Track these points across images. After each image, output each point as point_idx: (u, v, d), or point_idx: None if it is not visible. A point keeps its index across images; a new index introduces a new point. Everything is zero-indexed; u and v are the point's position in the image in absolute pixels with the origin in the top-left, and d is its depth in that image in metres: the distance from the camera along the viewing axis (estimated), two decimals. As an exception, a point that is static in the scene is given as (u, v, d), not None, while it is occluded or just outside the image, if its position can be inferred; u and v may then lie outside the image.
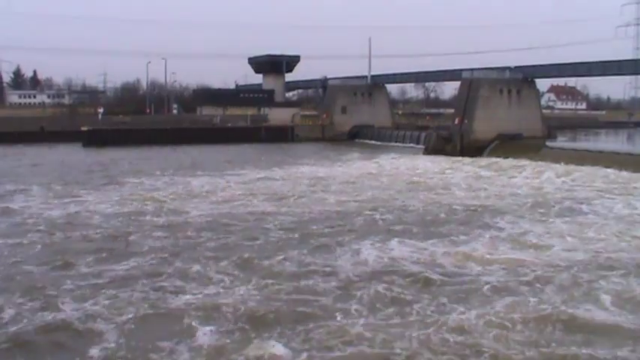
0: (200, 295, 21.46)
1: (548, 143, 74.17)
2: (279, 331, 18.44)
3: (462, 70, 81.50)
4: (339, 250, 27.75)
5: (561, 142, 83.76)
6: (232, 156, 73.81)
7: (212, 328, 18.70)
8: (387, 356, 16.92)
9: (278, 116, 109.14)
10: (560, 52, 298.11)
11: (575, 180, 52.88)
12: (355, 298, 21.29)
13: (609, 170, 54.80)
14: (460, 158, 69.17)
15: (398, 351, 17.08)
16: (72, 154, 74.43)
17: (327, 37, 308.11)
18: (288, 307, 20.46)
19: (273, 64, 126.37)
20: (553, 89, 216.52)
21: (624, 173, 53.65)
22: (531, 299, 21.14)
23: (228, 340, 17.88)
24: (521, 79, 78.73)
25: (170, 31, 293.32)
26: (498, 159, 66.05)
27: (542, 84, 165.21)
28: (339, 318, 19.50)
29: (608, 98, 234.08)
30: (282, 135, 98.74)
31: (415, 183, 51.65)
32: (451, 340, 17.65)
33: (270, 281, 23.02)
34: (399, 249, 28.03)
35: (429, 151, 74.92)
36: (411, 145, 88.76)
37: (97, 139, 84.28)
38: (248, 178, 52.59)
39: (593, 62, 75.33)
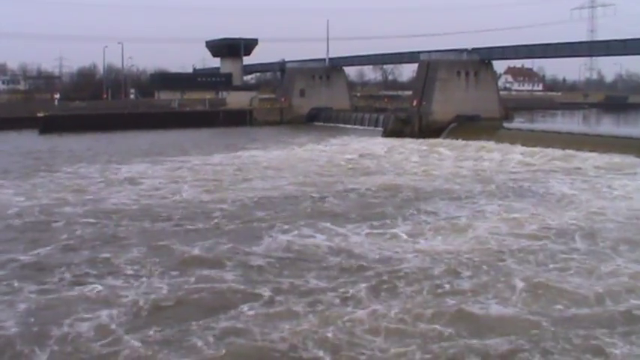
0: (101, 286, 21.16)
1: (505, 124, 75.05)
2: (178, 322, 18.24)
3: (419, 52, 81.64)
4: (258, 237, 27.40)
5: (518, 123, 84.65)
6: (186, 141, 73.02)
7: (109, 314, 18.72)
8: (273, 349, 16.66)
9: (236, 100, 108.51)
10: (517, 34, 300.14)
11: (529, 161, 53.60)
12: (264, 287, 21.02)
13: (566, 151, 55.53)
14: (415, 140, 69.78)
15: (279, 345, 16.83)
16: (25, 142, 73.10)
17: (285, 20, 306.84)
18: (191, 295, 20.33)
19: (230, 48, 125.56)
20: (510, 71, 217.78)
21: (580, 154, 54.46)
22: (439, 290, 20.88)
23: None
24: (478, 61, 79.12)
25: (127, 15, 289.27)
26: (455, 140, 66.84)
27: (499, 66, 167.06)
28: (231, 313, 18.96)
29: (564, 79, 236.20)
30: (240, 119, 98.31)
31: (363, 166, 51.64)
32: (337, 335, 17.34)
33: (177, 271, 22.73)
34: (321, 234, 27.84)
35: (388, 133, 75.16)
36: (370, 127, 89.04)
37: (54, 125, 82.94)
38: (190, 164, 51.57)
39: (548, 44, 75.90)
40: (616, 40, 70.22)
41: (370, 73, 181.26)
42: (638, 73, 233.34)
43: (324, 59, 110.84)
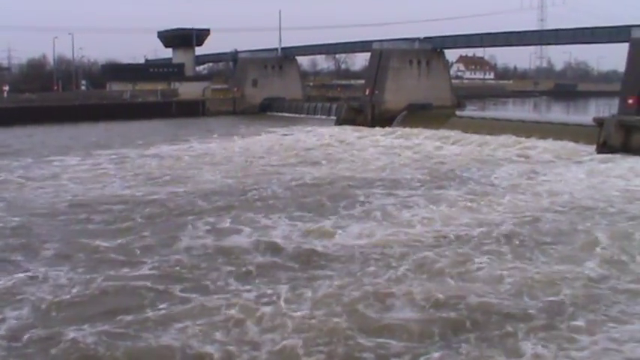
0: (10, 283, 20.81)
1: (457, 112, 75.39)
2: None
3: (372, 41, 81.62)
4: (179, 232, 26.89)
5: (470, 111, 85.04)
6: (133, 132, 71.71)
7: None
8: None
9: (189, 90, 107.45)
10: (469, 23, 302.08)
11: (478, 149, 54.24)
12: (179, 283, 20.75)
13: (518, 138, 55.99)
14: (367, 128, 69.85)
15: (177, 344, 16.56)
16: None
17: (238, 10, 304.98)
18: (103, 294, 19.93)
19: (182, 38, 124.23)
20: (462, 59, 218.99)
21: (530, 140, 54.97)
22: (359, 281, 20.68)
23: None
24: (430, 50, 79.35)
25: (77, 5, 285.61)
26: (405, 128, 67.12)
27: (451, 54, 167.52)
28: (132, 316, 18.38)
29: (515, 68, 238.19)
30: (193, 109, 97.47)
31: (308, 156, 51.37)
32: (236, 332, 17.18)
33: (88, 269, 22.24)
34: (248, 227, 27.45)
35: (340, 122, 75.07)
36: (323, 116, 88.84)
37: (3, 117, 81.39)
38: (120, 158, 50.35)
39: (499, 33, 76.26)
40: (565, 29, 70.78)
41: (323, 62, 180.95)
42: (586, 61, 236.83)
43: (277, 49, 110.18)
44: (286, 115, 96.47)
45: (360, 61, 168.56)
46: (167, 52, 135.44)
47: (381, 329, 17.23)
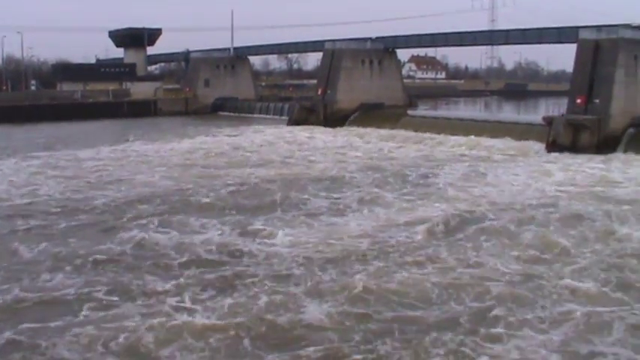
0: None
1: (409, 112, 75.58)
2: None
3: (324, 41, 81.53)
4: (106, 236, 26.09)
5: (422, 110, 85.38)
6: (82, 133, 70.41)
7: None
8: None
9: (140, 91, 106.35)
10: (421, 23, 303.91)
11: (429, 148, 54.89)
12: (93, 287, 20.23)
13: (469, 137, 56.41)
14: (319, 127, 69.95)
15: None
16: None
17: (190, 10, 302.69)
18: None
19: (134, 38, 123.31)
20: (414, 59, 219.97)
21: (481, 139, 55.40)
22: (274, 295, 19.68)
23: None
24: (382, 50, 79.52)
25: (26, 3, 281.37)
26: (358, 128, 67.42)
27: (403, 54, 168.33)
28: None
29: (467, 68, 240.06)
30: (145, 109, 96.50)
31: (252, 157, 50.12)
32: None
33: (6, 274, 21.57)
34: (176, 231, 26.64)
35: (293, 122, 74.75)
36: (275, 116, 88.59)
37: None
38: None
39: (450, 33, 76.71)
40: (515, 30, 71.50)
41: (275, 62, 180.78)
42: (536, 61, 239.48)
43: (229, 49, 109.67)
44: (238, 115, 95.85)
45: (312, 60, 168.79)
46: (119, 52, 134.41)
47: (291, 339, 16.75)
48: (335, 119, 72.59)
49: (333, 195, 34.41)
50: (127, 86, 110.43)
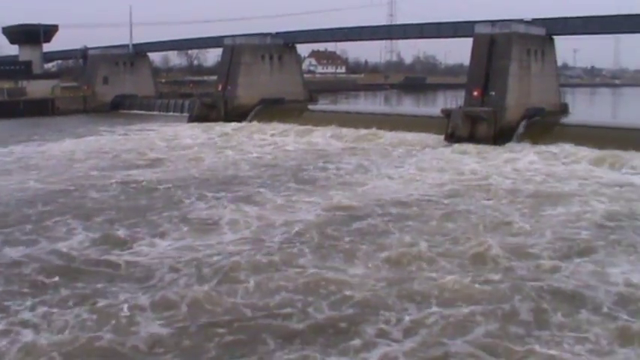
0: None
1: (310, 106, 75.60)
2: None
3: (224, 36, 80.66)
4: None
5: (323, 105, 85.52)
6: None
7: None
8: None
9: (37, 89, 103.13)
10: (321, 18, 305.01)
11: (328, 141, 55.19)
12: None
13: (369, 130, 56.82)
14: (215, 124, 69.27)
15: None
16: None
17: (87, 5, 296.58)
18: None
19: (29, 34, 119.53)
20: (314, 54, 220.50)
21: (381, 132, 55.92)
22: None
23: None
24: (282, 45, 79.30)
25: None
26: (258, 123, 67.25)
27: (304, 49, 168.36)
28: None
29: (366, 62, 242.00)
30: (42, 108, 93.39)
31: (147, 156, 48.16)
32: None
33: None
34: (42, 237, 25.22)
35: (194, 118, 73.83)
36: (176, 113, 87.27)
37: None
38: None
39: (350, 28, 77.03)
40: (413, 24, 72.11)
41: (175, 58, 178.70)
42: (434, 55, 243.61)
43: (128, 45, 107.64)
44: (139, 112, 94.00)
45: (212, 57, 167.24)
46: (13, 49, 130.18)
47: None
48: (236, 115, 72.00)
49: (218, 195, 33.27)
50: (22, 84, 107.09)
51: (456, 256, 22.79)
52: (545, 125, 53.59)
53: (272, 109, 71.67)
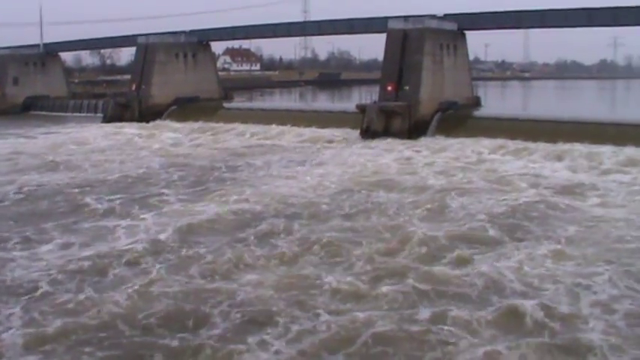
0: None
1: (225, 104, 75.20)
2: None
3: (137, 35, 79.39)
4: None
5: (238, 102, 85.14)
6: None
7: None
8: None
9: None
10: (236, 15, 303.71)
11: (243, 139, 55.18)
12: None
13: (285, 127, 56.82)
14: (135, 123, 68.25)
15: None
16: None
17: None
18: None
19: None
20: (229, 52, 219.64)
21: (296, 129, 55.99)
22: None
23: None
24: (196, 43, 78.59)
25: None
26: (173, 122, 66.80)
27: (218, 47, 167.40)
28: None
29: (281, 59, 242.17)
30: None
31: (47, 161, 45.08)
32: None
33: None
34: None
35: (108, 119, 72.38)
36: (90, 114, 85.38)
37: None
38: None
39: (264, 25, 76.64)
40: (327, 21, 72.29)
41: (88, 58, 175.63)
42: (349, 50, 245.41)
43: (38, 45, 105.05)
44: (51, 114, 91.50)
45: (126, 56, 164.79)
46: None
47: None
48: (150, 114, 70.92)
49: (117, 199, 31.83)
50: None
51: (354, 258, 22.09)
52: (458, 118, 54.43)
53: (187, 108, 70.94)
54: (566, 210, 28.77)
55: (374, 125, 52.39)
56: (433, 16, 57.76)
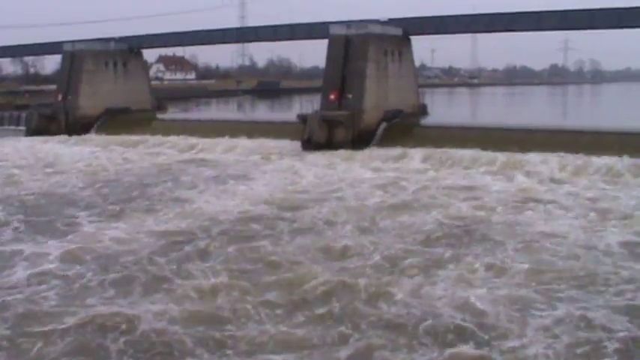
0: None
1: (159, 116, 74.79)
2: None
3: (63, 42, 78.46)
4: None
5: (173, 113, 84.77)
6: None
7: None
8: None
9: None
10: (168, 22, 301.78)
11: (178, 153, 54.74)
12: None
13: (222, 139, 56.86)
14: (52, 137, 67.48)
15: None
16: None
17: None
18: None
19: None
20: (162, 60, 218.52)
21: (234, 140, 56.06)
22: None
23: None
24: (127, 51, 77.93)
25: None
26: (103, 135, 66.16)
27: (150, 55, 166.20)
28: None
29: (217, 67, 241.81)
30: None
31: None
32: None
33: None
34: None
35: (32, 132, 71.10)
36: (12, 127, 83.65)
37: None
38: None
39: (199, 31, 76.44)
40: (265, 26, 72.42)
41: (9, 66, 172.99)
42: (289, 58, 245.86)
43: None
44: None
45: (51, 64, 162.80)
46: None
47: None
48: (78, 127, 69.97)
49: (26, 221, 30.94)
50: None
51: (276, 286, 21.57)
52: (404, 127, 54.92)
53: (117, 120, 70.34)
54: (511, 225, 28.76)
55: (316, 136, 52.50)
56: (377, 21, 58.35)
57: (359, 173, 43.09)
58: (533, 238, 26.38)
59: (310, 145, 52.22)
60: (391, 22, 59.67)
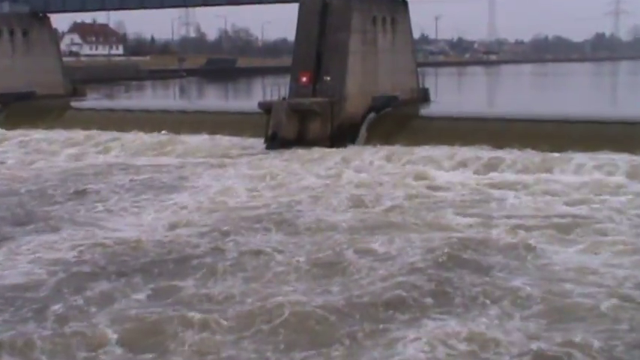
0: None
1: (74, 103, 74.21)
2: None
3: None
4: None
5: (93, 100, 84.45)
6: None
7: None
8: None
9: None
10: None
11: (96, 155, 54.38)
12: None
13: (158, 135, 56.89)
14: None
15: None
16: None
17: None
18: None
19: None
20: (77, 28, 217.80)
21: (174, 137, 55.98)
22: None
23: None
24: (28, 15, 77.16)
25: None
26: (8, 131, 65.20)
27: (63, 22, 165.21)
28: None
29: (153, 39, 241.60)
30: None
31: None
32: None
33: None
34: None
35: None
36: None
37: None
38: None
39: (126, -11, 76.29)
40: (216, -16, 72.36)
41: None
42: (248, 28, 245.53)
43: None
44: None
45: None
46: None
47: None
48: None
49: None
50: None
51: (229, 318, 21.63)
52: (398, 119, 55.04)
53: (18, 109, 69.59)
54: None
55: (283, 131, 52.00)
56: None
57: (333, 181, 41.59)
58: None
59: (276, 142, 51.61)
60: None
